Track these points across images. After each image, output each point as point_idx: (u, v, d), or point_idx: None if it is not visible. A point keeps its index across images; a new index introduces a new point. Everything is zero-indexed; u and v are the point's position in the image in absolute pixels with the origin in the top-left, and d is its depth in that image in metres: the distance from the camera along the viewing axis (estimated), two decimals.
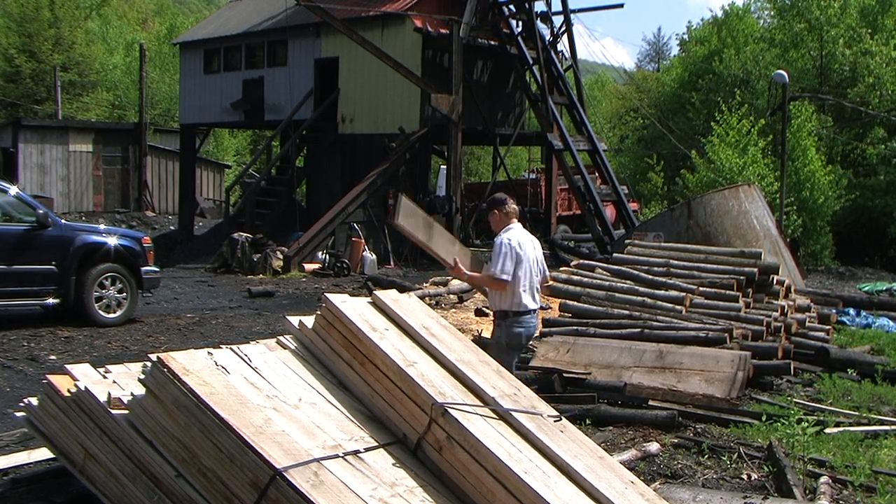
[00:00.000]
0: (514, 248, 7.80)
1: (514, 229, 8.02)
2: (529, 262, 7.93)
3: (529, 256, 7.94)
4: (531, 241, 8.08)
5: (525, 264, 7.87)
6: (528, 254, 7.93)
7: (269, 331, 14.03)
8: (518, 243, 7.86)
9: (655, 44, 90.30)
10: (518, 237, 7.92)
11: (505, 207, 8.15)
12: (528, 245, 7.98)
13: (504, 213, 8.14)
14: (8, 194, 14.39)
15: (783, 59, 45.67)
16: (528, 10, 29.55)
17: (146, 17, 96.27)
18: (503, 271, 7.71)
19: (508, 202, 8.22)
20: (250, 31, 33.41)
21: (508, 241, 7.83)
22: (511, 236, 7.90)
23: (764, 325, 12.52)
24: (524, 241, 7.95)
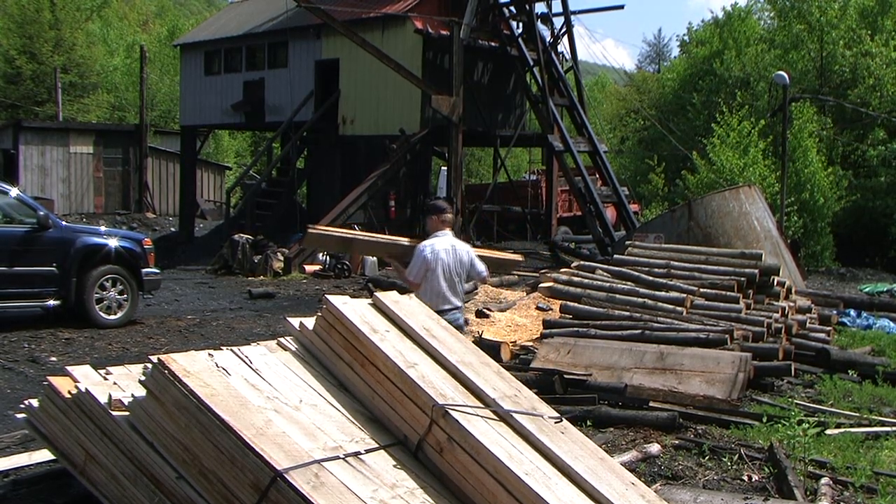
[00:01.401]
0: (427, 255, 8.66)
1: (440, 237, 8.82)
2: (443, 269, 8.71)
3: (444, 264, 8.71)
4: (453, 249, 8.81)
5: (438, 271, 8.69)
6: (444, 261, 8.71)
7: (269, 332, 14.04)
8: (434, 251, 8.68)
9: (656, 45, 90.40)
10: (436, 245, 8.73)
11: (443, 215, 8.96)
12: (446, 254, 8.74)
13: (441, 219, 8.92)
14: (8, 196, 14.41)
15: (783, 60, 45.66)
16: (529, 11, 29.56)
17: (147, 18, 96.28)
18: (411, 275, 8.74)
19: (447, 210, 9.06)
20: (251, 32, 33.43)
21: (425, 250, 8.69)
22: (430, 243, 8.74)
23: (765, 327, 12.52)
24: (441, 249, 8.73)
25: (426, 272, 8.66)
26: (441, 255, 8.70)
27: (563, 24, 30.67)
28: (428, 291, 8.65)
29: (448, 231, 8.92)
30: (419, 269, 8.68)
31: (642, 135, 60.34)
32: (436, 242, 8.74)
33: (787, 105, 31.85)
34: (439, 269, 8.70)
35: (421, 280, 8.70)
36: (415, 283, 8.74)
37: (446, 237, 8.87)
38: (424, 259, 8.65)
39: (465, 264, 8.91)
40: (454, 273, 8.82)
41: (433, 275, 8.67)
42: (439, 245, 8.74)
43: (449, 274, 8.77)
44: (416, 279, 8.72)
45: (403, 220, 27.31)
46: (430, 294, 8.59)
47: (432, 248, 8.69)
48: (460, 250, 8.90)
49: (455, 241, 8.96)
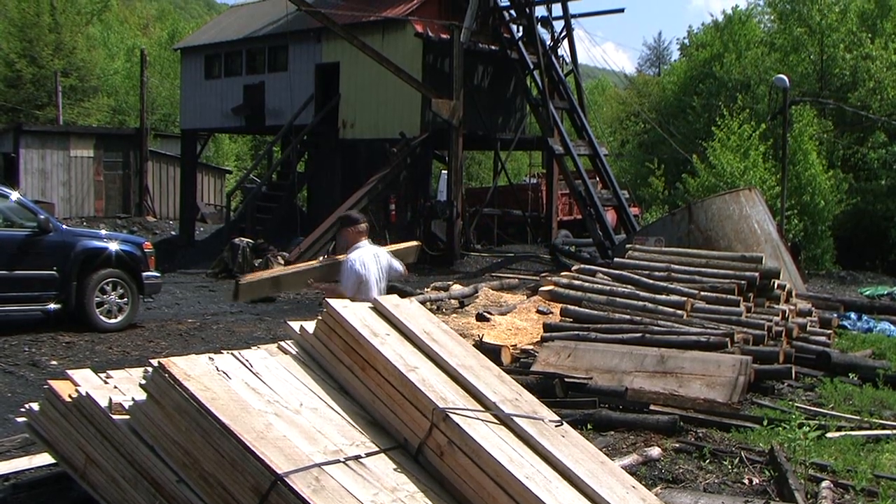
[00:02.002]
0: (357, 268, 8.79)
1: (361, 248, 8.99)
2: (372, 278, 8.92)
3: (372, 272, 8.93)
4: (375, 257, 9.06)
5: (371, 281, 8.89)
6: (372, 270, 8.93)
7: (270, 336, 14.05)
8: (362, 263, 8.85)
9: (656, 48, 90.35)
10: (363, 256, 8.92)
11: (358, 226, 9.15)
12: (372, 263, 8.96)
13: (357, 231, 9.11)
14: (9, 199, 14.45)
15: (784, 63, 45.69)
16: (529, 14, 29.57)
17: (147, 22, 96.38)
18: (347, 289, 8.72)
19: (360, 222, 9.25)
20: (251, 36, 33.44)
21: (354, 263, 8.82)
22: (357, 255, 8.89)
23: (765, 330, 12.51)
24: (368, 259, 8.94)
25: (359, 284, 8.84)
26: (369, 265, 8.92)
27: (564, 28, 30.69)
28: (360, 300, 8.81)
29: (366, 241, 9.14)
30: (353, 283, 8.83)
31: (642, 138, 60.36)
32: (361, 254, 8.94)
33: (787, 108, 31.87)
34: (372, 278, 8.93)
35: (355, 292, 8.78)
36: (349, 295, 8.70)
37: (367, 247, 9.09)
38: (356, 272, 8.81)
39: (387, 269, 9.21)
40: (382, 279, 9.13)
41: (366, 286, 8.86)
42: (365, 256, 8.95)
43: (378, 281, 9.04)
44: (351, 292, 8.77)
45: (404, 223, 27.30)
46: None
47: (361, 261, 8.89)
48: (382, 256, 9.18)
49: (375, 248, 9.23)
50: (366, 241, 9.12)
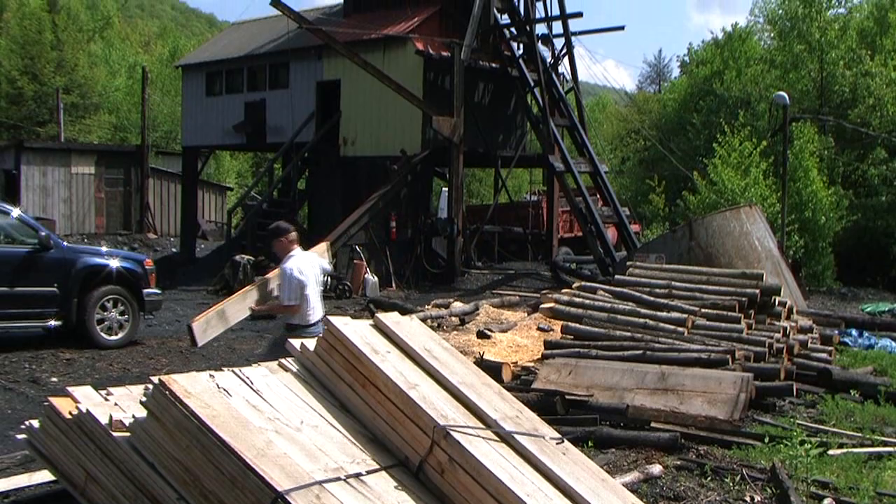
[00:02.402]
0: (297, 276, 9.10)
1: (296, 255, 9.30)
2: (312, 282, 9.28)
3: (311, 277, 9.28)
4: (311, 263, 9.42)
5: (310, 286, 9.21)
6: (310, 275, 9.26)
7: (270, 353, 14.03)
8: (300, 270, 9.16)
9: (656, 66, 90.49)
10: (299, 263, 9.22)
11: (289, 235, 9.43)
12: (309, 267, 9.31)
13: (288, 240, 9.39)
14: (10, 216, 14.46)
15: (784, 80, 45.79)
16: (530, 32, 29.64)
17: (149, 39, 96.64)
18: (291, 298, 9.11)
19: (291, 230, 9.54)
20: (252, 53, 33.50)
21: (292, 270, 9.11)
22: (293, 264, 9.16)
23: (766, 347, 12.51)
24: (304, 265, 9.27)
25: (302, 290, 9.12)
26: (307, 271, 9.23)
27: (564, 46, 30.72)
28: (304, 307, 9.22)
29: (298, 248, 9.41)
30: (296, 291, 9.09)
31: (643, 155, 60.47)
32: (297, 261, 9.21)
33: (787, 125, 31.90)
34: (311, 282, 9.26)
35: (300, 298, 9.14)
36: (296, 304, 9.17)
37: (301, 254, 9.38)
38: (297, 279, 9.08)
39: (321, 270, 9.61)
40: (319, 283, 9.49)
41: (307, 291, 9.16)
42: (302, 263, 9.25)
43: (317, 284, 9.39)
44: (296, 301, 9.13)
45: (404, 240, 27.30)
46: (304, 310, 9.22)
47: (299, 268, 9.15)
48: (314, 260, 9.55)
49: (307, 254, 9.55)
50: (298, 249, 9.39)
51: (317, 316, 9.33)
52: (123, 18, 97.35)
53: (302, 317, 9.23)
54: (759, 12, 56.75)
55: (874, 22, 46.53)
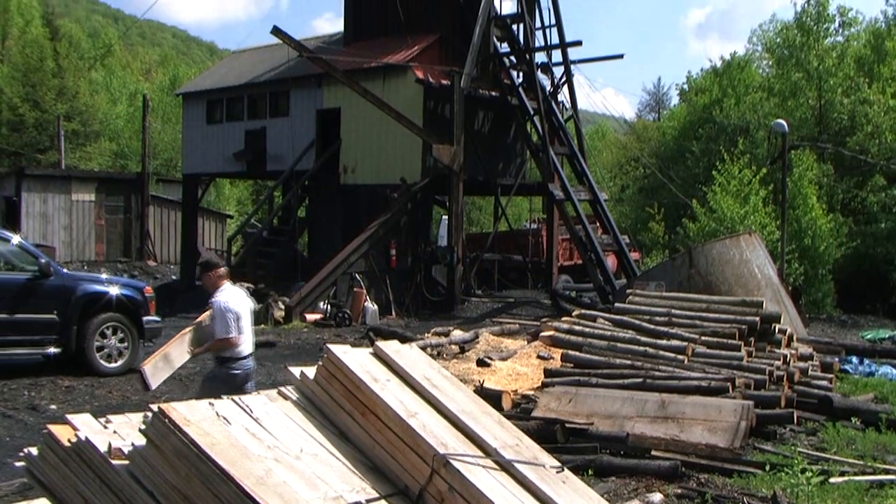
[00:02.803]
0: (232, 308, 9.11)
1: (227, 289, 9.31)
2: (244, 314, 9.30)
3: (244, 309, 9.30)
4: (242, 296, 9.45)
5: (243, 318, 9.23)
6: (243, 307, 9.28)
7: (270, 381, 13.99)
8: (234, 302, 9.19)
9: (655, 94, 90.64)
10: (231, 296, 9.25)
11: (218, 271, 9.47)
12: (241, 300, 9.35)
13: (217, 275, 9.40)
14: (10, 243, 14.47)
15: (782, 108, 45.92)
16: (529, 61, 29.78)
17: (150, 67, 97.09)
18: (228, 331, 9.06)
19: (220, 265, 9.63)
20: (252, 81, 33.62)
21: (226, 303, 9.12)
22: (226, 297, 9.19)
23: (766, 374, 12.49)
24: (236, 297, 9.30)
25: (237, 322, 9.14)
26: (239, 303, 9.27)
27: (563, 74, 30.88)
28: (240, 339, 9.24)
29: (227, 283, 9.43)
30: (233, 324, 9.10)
31: (643, 183, 60.52)
32: (228, 295, 9.24)
33: (786, 153, 31.97)
34: (245, 317, 9.30)
35: (235, 331, 9.13)
36: (235, 337, 9.13)
37: (231, 288, 9.40)
38: (232, 311, 9.11)
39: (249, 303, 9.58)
40: (251, 317, 9.53)
41: (242, 322, 9.22)
42: (233, 296, 9.28)
43: (248, 319, 9.40)
44: (233, 332, 9.12)
45: (404, 268, 27.31)
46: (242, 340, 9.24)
47: (231, 301, 9.20)
48: (244, 295, 9.55)
49: (236, 288, 9.55)
50: (227, 284, 9.41)
51: (248, 349, 9.38)
52: (124, 46, 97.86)
53: (234, 350, 9.23)
54: (757, 40, 57.26)
55: (871, 50, 46.75)
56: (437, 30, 29.58)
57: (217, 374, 9.32)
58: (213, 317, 9.21)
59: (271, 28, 26.38)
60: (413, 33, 29.12)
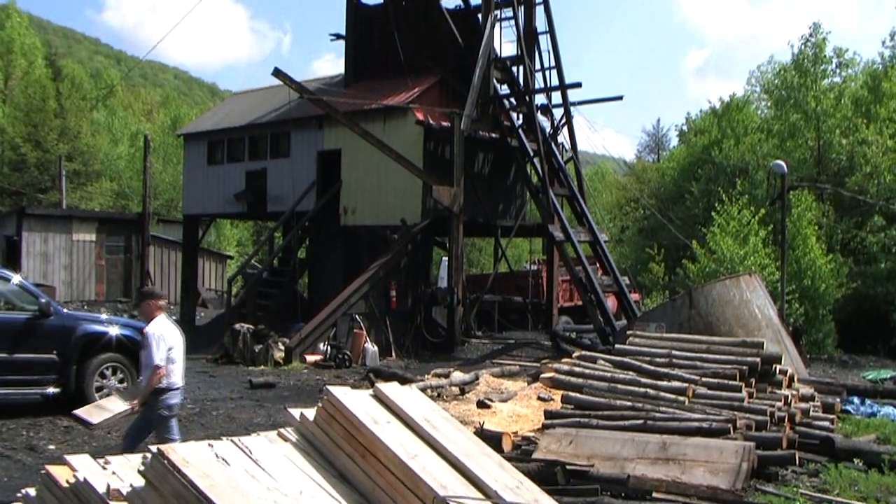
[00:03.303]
0: (164, 338, 9.57)
1: (161, 320, 9.76)
2: (177, 345, 9.75)
3: (177, 340, 9.76)
4: (175, 328, 9.90)
5: (175, 348, 9.69)
6: (176, 338, 9.75)
7: (270, 422, 13.97)
8: (166, 333, 9.65)
9: (655, 135, 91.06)
10: (164, 327, 9.70)
11: (159, 301, 10.00)
12: (174, 332, 9.79)
13: (157, 305, 9.89)
14: (10, 283, 14.49)
15: (781, 148, 46.15)
16: (529, 102, 29.91)
17: (151, 108, 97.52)
18: (160, 360, 9.47)
19: (161, 297, 10.22)
20: (253, 123, 33.75)
21: (159, 333, 9.58)
22: (160, 327, 9.65)
23: (768, 415, 12.45)
24: (169, 329, 9.76)
25: (168, 352, 9.56)
26: (172, 333, 9.74)
27: (563, 115, 30.99)
28: (172, 369, 9.67)
29: (163, 314, 9.89)
30: (163, 352, 9.50)
31: (642, 224, 60.69)
32: (162, 325, 9.68)
33: (785, 193, 32.05)
34: (178, 347, 9.75)
35: (166, 360, 9.55)
36: (164, 366, 9.54)
37: (164, 319, 9.84)
38: (166, 340, 9.55)
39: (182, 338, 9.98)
40: (183, 348, 9.94)
41: (172, 353, 9.62)
42: (166, 327, 9.72)
43: (180, 350, 9.82)
44: (164, 361, 9.52)
45: (404, 309, 27.29)
46: (170, 372, 9.65)
47: (165, 331, 9.64)
48: (176, 328, 9.98)
49: (170, 321, 9.98)
50: (163, 315, 9.87)
51: (180, 380, 9.81)
52: (126, 87, 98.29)
53: (168, 379, 9.60)
54: (755, 82, 57.56)
55: (869, 91, 47.04)
56: (438, 72, 29.75)
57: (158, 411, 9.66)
58: (145, 345, 9.58)
59: (272, 70, 26.52)
60: (413, 75, 29.29)
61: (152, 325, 9.65)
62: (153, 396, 9.60)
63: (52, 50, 79.26)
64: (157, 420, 9.72)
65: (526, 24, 30.60)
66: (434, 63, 29.88)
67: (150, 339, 9.54)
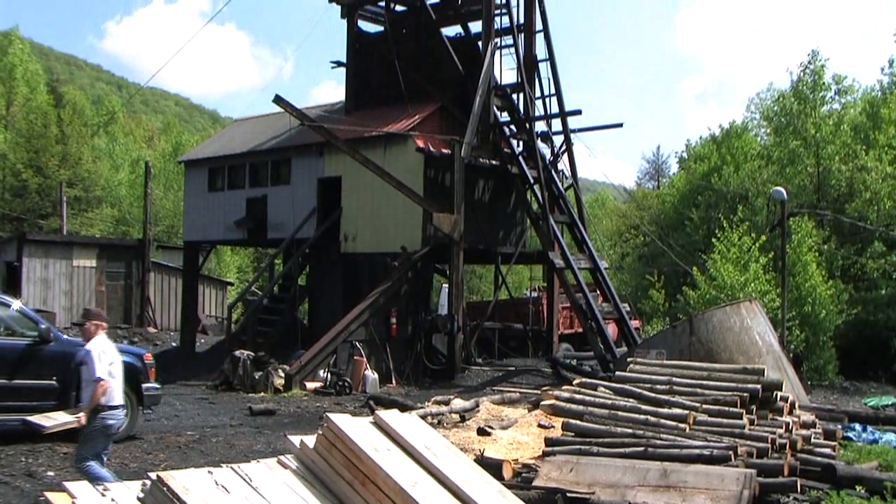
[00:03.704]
0: (105, 353, 9.76)
1: (101, 339, 9.95)
2: (116, 363, 9.93)
3: (116, 359, 9.96)
4: (114, 349, 10.16)
5: (115, 365, 9.88)
6: (115, 357, 9.95)
7: (270, 449, 13.93)
8: (107, 350, 9.86)
9: (655, 162, 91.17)
10: (105, 346, 9.91)
11: (99, 322, 10.14)
12: (111, 349, 9.99)
13: (98, 325, 10.06)
14: (10, 309, 14.49)
15: (781, 175, 46.20)
16: (529, 130, 30.01)
17: (152, 134, 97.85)
18: (102, 374, 9.62)
19: (102, 317, 10.35)
20: (254, 150, 33.82)
21: (101, 350, 9.76)
22: (100, 344, 9.85)
23: (769, 442, 12.41)
24: (109, 348, 9.96)
25: (109, 367, 9.73)
26: (115, 354, 9.99)
27: (563, 143, 31.08)
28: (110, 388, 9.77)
29: (103, 333, 10.07)
30: (104, 367, 9.65)
31: (642, 251, 60.70)
32: (102, 344, 9.87)
33: (785, 220, 32.07)
34: (118, 365, 9.96)
35: (106, 375, 9.67)
36: (106, 379, 9.67)
37: (104, 338, 10.04)
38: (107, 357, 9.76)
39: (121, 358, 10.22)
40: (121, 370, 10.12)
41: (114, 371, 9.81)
42: (106, 345, 9.92)
43: (118, 370, 10.01)
44: (105, 376, 9.65)
45: (404, 337, 27.27)
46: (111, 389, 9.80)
47: (105, 349, 9.83)
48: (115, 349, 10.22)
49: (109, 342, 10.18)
50: (103, 335, 10.04)
51: (120, 399, 9.93)
52: (128, 114, 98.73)
53: (108, 397, 9.71)
54: (755, 109, 57.78)
55: (867, 117, 47.16)
56: (438, 99, 29.88)
57: (94, 427, 9.72)
58: (85, 362, 9.74)
59: (273, 97, 26.64)
60: (414, 102, 29.41)
61: (92, 342, 9.87)
62: (94, 415, 9.71)
63: (53, 76, 79.74)
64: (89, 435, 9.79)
65: (526, 51, 30.76)
66: (434, 90, 30.01)
67: (90, 354, 9.70)
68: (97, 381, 9.61)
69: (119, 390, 9.92)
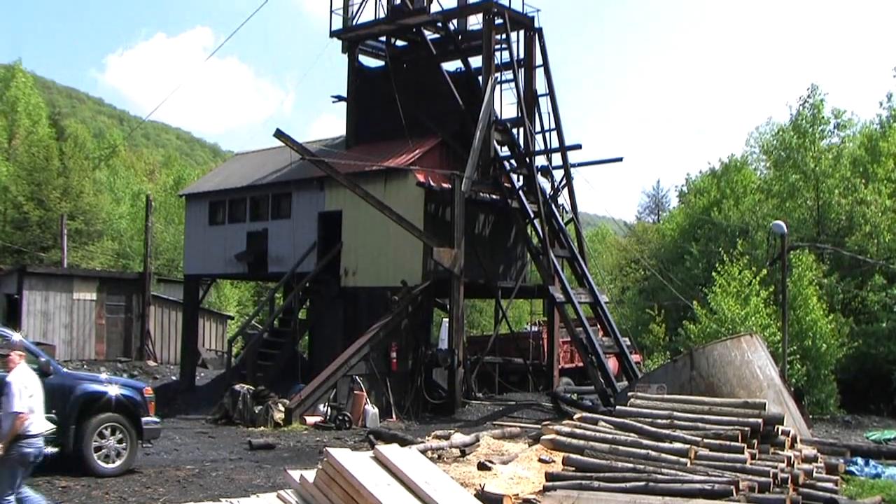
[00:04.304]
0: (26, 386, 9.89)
1: (21, 369, 10.11)
2: (37, 393, 10.03)
3: (36, 389, 10.06)
4: (35, 378, 10.28)
5: (36, 396, 9.99)
6: (37, 388, 10.06)
7: (269, 484, 13.87)
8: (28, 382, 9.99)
9: (655, 196, 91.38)
10: (26, 376, 10.06)
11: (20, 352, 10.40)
12: (34, 381, 10.13)
13: (20, 355, 10.28)
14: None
15: (781, 209, 46.31)
16: (529, 164, 30.10)
17: (153, 168, 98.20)
18: (22, 407, 9.74)
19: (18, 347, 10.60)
20: (255, 183, 33.91)
21: (22, 381, 9.90)
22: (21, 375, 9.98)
23: (770, 477, 12.38)
24: (30, 378, 10.11)
25: (30, 399, 9.84)
26: (36, 384, 10.10)
27: (563, 177, 31.15)
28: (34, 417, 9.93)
29: (23, 362, 10.25)
30: (25, 400, 9.78)
31: (643, 285, 60.74)
32: (23, 374, 10.02)
33: (785, 254, 32.09)
34: (38, 396, 10.04)
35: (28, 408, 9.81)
36: (27, 413, 9.83)
37: (25, 368, 10.22)
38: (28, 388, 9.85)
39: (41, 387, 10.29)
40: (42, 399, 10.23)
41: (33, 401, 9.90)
42: (28, 376, 10.09)
43: (39, 400, 10.12)
44: (27, 409, 9.81)
45: (405, 371, 27.23)
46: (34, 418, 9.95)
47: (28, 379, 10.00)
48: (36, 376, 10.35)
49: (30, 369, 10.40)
50: (23, 363, 10.24)
51: (39, 428, 10.04)
52: (129, 147, 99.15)
53: (26, 427, 9.81)
54: (754, 143, 57.96)
55: (866, 151, 47.33)
56: (438, 134, 29.99)
57: (10, 456, 9.78)
58: (6, 393, 9.82)
59: (274, 131, 26.75)
60: (414, 137, 29.53)
61: (13, 373, 9.98)
62: (11, 442, 9.78)
63: (55, 110, 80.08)
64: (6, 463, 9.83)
65: (526, 86, 30.90)
66: (435, 125, 30.14)
67: (11, 386, 9.80)
68: (17, 414, 9.73)
69: (40, 420, 10.04)
